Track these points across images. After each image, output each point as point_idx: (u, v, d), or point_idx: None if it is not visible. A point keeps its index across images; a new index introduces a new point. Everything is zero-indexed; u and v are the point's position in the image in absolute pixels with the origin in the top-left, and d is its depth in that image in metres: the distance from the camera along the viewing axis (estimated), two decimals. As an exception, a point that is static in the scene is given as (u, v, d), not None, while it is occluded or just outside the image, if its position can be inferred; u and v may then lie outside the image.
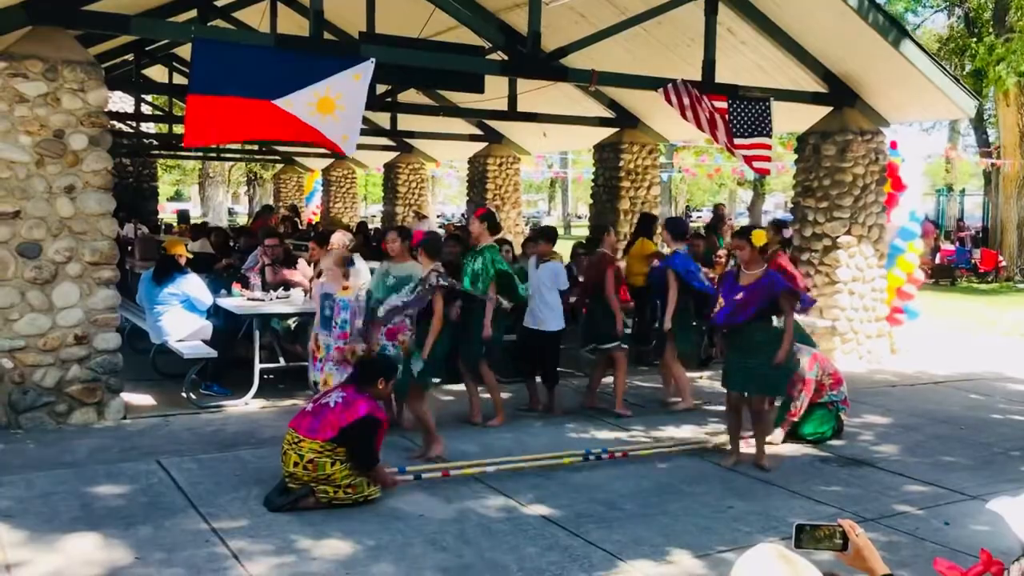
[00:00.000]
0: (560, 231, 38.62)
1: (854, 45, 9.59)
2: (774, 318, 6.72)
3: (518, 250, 11.34)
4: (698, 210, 49.21)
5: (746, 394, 6.61)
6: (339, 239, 8.46)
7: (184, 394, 7.96)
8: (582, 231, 18.67)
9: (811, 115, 10.78)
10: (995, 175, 24.44)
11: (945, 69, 10.33)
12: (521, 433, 7.33)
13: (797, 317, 10.14)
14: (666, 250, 8.77)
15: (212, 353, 8.04)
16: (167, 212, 35.26)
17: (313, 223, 21.58)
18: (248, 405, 8.00)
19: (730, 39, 10.06)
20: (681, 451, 6.90)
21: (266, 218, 16.03)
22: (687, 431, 7.56)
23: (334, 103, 7.58)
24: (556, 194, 58.27)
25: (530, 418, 7.85)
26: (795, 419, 7.17)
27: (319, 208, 24.68)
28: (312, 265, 9.08)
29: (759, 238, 6.54)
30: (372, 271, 8.90)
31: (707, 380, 9.52)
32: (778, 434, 7.16)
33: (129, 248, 13.81)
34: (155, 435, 6.99)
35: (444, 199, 57.45)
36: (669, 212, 36.10)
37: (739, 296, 6.44)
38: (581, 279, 9.17)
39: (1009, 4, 22.22)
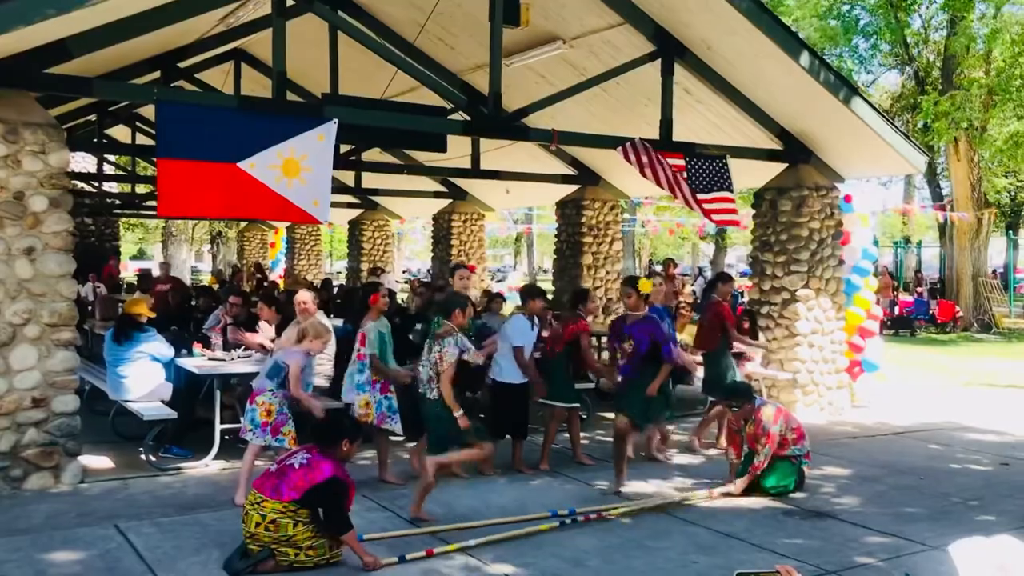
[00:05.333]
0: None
1: (807, 104, 9.86)
2: None
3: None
4: (661, 263, 49.67)
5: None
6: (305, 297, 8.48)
7: (143, 456, 7.86)
8: (547, 284, 18.81)
9: (768, 171, 11.02)
10: (949, 227, 25.01)
11: (895, 126, 10.64)
12: (485, 490, 7.30)
13: (761, 370, 10.35)
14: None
15: (172, 414, 7.96)
16: (129, 271, 34.89)
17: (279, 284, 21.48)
18: (208, 467, 7.90)
19: (687, 98, 10.31)
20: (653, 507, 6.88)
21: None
22: (653, 485, 7.57)
23: (299, 165, 7.64)
24: (522, 249, 58.59)
25: (494, 475, 7.82)
26: (758, 471, 7.21)
27: (284, 271, 24.56)
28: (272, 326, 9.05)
29: (645, 286, 7.37)
30: (334, 328, 8.95)
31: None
32: (739, 484, 7.21)
33: (89, 308, 13.67)
34: (113, 499, 6.88)
35: (410, 255, 57.55)
36: (633, 267, 36.42)
37: (629, 343, 7.34)
38: (545, 334, 9.24)
39: (956, 63, 22.95)
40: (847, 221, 11.47)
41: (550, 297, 12.61)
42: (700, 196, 9.68)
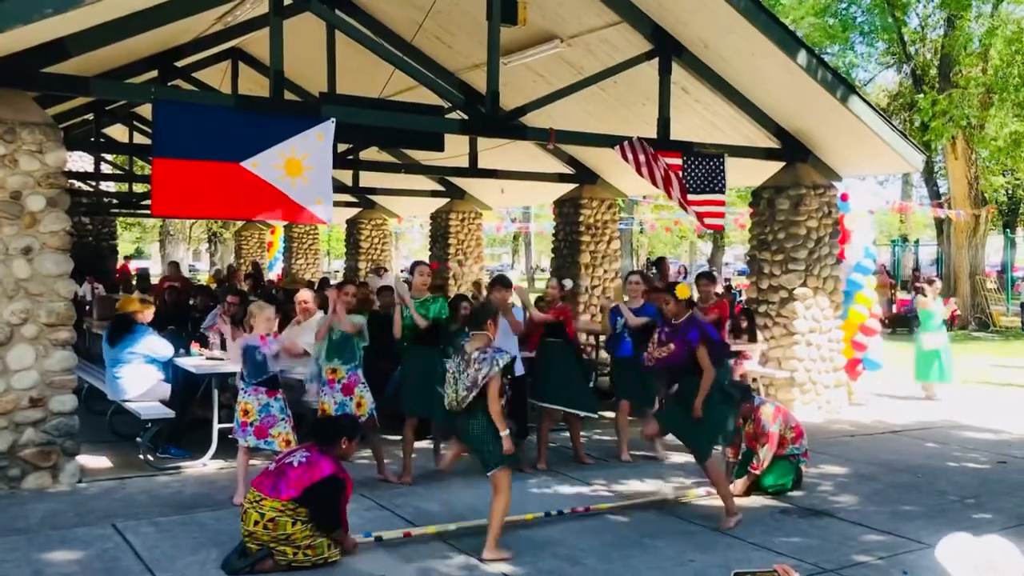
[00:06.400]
0: (524, 284, 38.91)
1: (804, 102, 9.87)
2: None
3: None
4: (653, 262, 49.54)
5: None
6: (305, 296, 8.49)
7: (141, 456, 7.85)
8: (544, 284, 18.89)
9: (765, 170, 11.03)
10: (947, 226, 25.02)
11: (892, 124, 10.64)
12: (483, 490, 7.28)
13: (759, 368, 10.36)
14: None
15: (170, 413, 7.95)
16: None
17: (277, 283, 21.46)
18: (206, 466, 7.90)
19: (684, 97, 10.30)
20: (645, 503, 6.89)
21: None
22: (650, 485, 7.57)
23: (301, 164, 7.65)
24: (520, 247, 58.63)
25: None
26: (757, 472, 7.20)
27: (283, 271, 24.50)
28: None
29: (684, 292, 6.73)
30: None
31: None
32: (739, 484, 7.19)
33: (87, 308, 13.66)
34: (111, 498, 6.87)
35: (408, 253, 57.54)
36: (631, 265, 36.42)
37: (670, 347, 6.63)
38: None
39: (953, 61, 22.96)
40: (849, 219, 11.49)
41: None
42: (691, 197, 9.70)
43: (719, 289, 12.47)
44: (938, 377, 12.41)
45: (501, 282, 8.11)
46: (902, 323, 23.50)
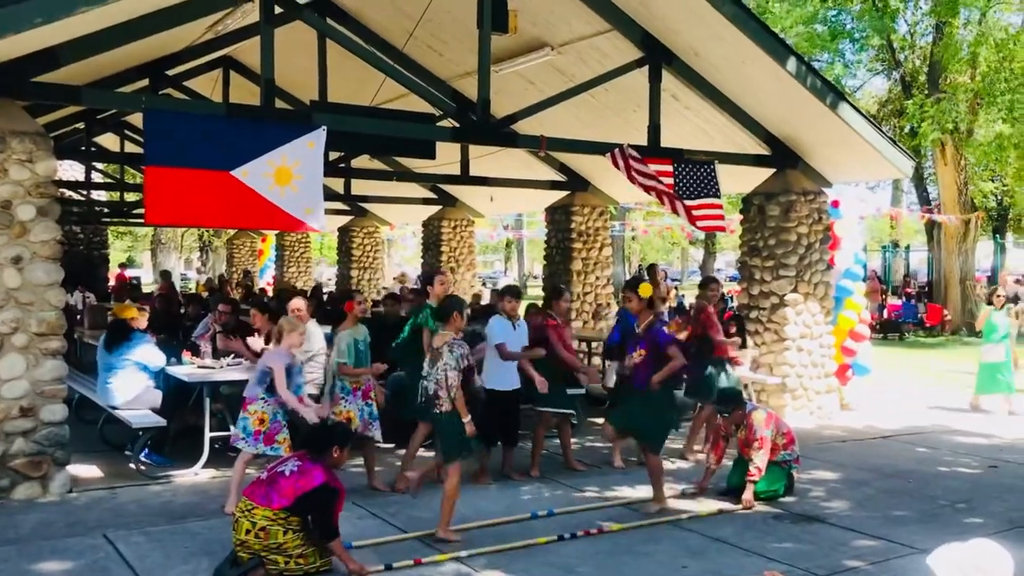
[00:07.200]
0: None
1: (794, 109, 9.91)
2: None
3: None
4: (646, 268, 49.61)
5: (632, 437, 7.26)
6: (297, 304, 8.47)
7: (132, 465, 7.83)
8: (538, 291, 18.88)
9: (756, 176, 11.06)
10: (937, 231, 25.11)
11: (881, 131, 10.69)
12: (476, 497, 7.29)
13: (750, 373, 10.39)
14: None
15: (161, 422, 7.92)
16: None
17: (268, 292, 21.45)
18: (198, 475, 7.88)
19: (675, 104, 10.34)
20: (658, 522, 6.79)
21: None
22: (642, 492, 7.56)
23: (291, 172, 7.65)
24: (512, 255, 58.64)
25: (487, 483, 7.80)
26: (756, 479, 7.17)
27: (274, 278, 24.48)
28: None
29: (646, 291, 7.07)
30: (326, 336, 8.95)
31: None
32: (746, 497, 7.12)
33: (78, 317, 13.63)
34: (102, 508, 6.85)
35: (401, 261, 57.52)
36: (623, 272, 36.45)
37: (640, 352, 7.01)
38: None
39: (942, 67, 23.06)
40: (839, 226, 11.53)
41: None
42: (687, 202, 9.72)
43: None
44: (1002, 389, 11.92)
45: (511, 292, 8.09)
46: (893, 328, 23.60)
